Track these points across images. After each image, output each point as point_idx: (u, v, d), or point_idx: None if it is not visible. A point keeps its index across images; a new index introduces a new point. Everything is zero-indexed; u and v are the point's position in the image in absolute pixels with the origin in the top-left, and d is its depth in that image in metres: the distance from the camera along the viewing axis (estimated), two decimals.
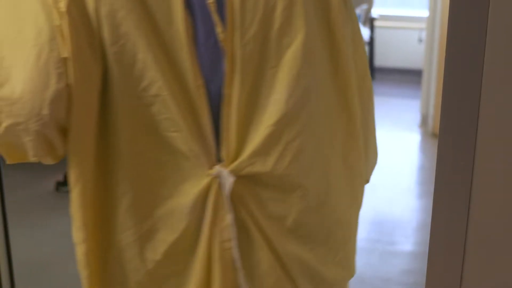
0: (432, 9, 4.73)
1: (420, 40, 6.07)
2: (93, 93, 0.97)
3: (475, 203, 0.68)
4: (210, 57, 1.00)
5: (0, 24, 0.96)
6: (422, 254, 3.07)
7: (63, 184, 3.77)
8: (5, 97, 0.94)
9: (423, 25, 5.59)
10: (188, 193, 1.02)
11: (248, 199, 1.04)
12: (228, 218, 1.03)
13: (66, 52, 0.93)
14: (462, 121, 0.66)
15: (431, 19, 4.75)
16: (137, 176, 1.02)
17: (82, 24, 0.94)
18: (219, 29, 0.98)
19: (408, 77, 6.38)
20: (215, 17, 0.98)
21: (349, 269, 1.20)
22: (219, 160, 1.03)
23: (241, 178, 1.02)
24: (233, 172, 1.01)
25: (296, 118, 1.03)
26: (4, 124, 0.95)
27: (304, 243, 1.10)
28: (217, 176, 1.01)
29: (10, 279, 1.28)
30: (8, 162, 1.02)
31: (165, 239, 1.04)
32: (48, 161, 1.03)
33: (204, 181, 1.01)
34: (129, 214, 1.03)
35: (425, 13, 5.40)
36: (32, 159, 1.01)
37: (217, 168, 1.01)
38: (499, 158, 0.67)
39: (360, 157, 1.17)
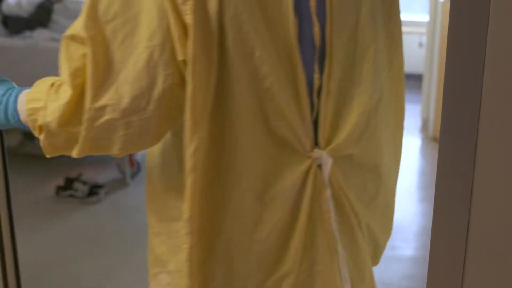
0: (433, 13, 4.73)
1: (420, 45, 6.07)
2: (208, 90, 1.05)
3: (476, 207, 0.68)
4: (307, 53, 1.12)
5: (116, 17, 1.02)
6: (422, 259, 3.07)
7: (63, 189, 3.77)
8: (115, 91, 1.02)
9: (424, 29, 5.60)
10: (291, 175, 1.13)
11: (338, 176, 1.18)
12: (327, 193, 1.16)
13: (182, 55, 1.01)
14: (462, 125, 0.66)
15: (432, 23, 4.75)
16: (248, 166, 1.11)
17: (202, 26, 1.01)
18: (316, 29, 1.11)
19: (408, 81, 6.35)
20: (314, 18, 1.10)
21: (389, 234, 1.41)
22: (316, 144, 1.15)
23: (335, 158, 1.16)
24: (331, 154, 1.15)
25: (376, 107, 1.20)
26: (107, 117, 1.03)
27: (373, 213, 1.29)
28: (316, 158, 1.14)
29: (16, 283, 1.29)
30: (76, 155, 1.09)
31: (270, 220, 1.14)
32: (122, 154, 1.10)
33: (305, 163, 1.13)
34: (242, 202, 1.12)
35: (425, 17, 5.41)
36: (114, 152, 1.08)
37: (317, 151, 1.14)
38: (499, 162, 0.67)
39: (402, 142, 1.38)
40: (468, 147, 0.67)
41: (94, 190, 3.80)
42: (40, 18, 4.37)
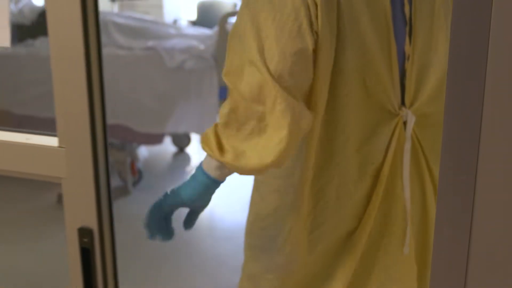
0: None
1: None
2: (329, 58, 1.26)
3: (477, 220, 0.68)
4: (399, 28, 1.33)
5: (264, 3, 1.22)
6: None
7: None
8: (283, 59, 1.21)
9: None
10: (382, 131, 1.35)
11: (417, 131, 1.39)
12: (406, 145, 1.38)
13: (316, 27, 1.21)
14: (464, 134, 0.66)
15: None
16: (350, 123, 1.32)
17: (327, 6, 1.22)
18: (406, 8, 1.33)
19: None
20: (406, 0, 1.33)
21: None
22: (402, 104, 1.36)
23: (416, 116, 1.37)
24: (414, 112, 1.36)
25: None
26: (287, 81, 1.21)
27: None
28: (403, 116, 1.36)
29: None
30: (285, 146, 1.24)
31: (368, 170, 1.37)
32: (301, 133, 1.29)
33: (394, 121, 1.35)
34: (346, 154, 1.34)
35: None
36: (301, 126, 1.25)
37: (404, 110, 1.36)
38: (501, 173, 0.66)
39: None
40: (470, 158, 0.67)
41: None
42: (43, 26, 4.38)
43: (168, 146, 5.00)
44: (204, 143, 1.30)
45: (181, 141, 4.95)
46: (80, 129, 1.08)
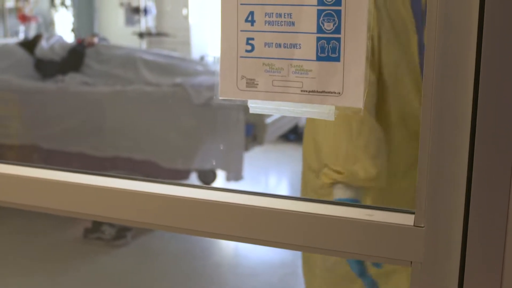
0: None
1: None
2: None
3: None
4: None
5: None
6: None
7: (91, 231, 3.78)
8: None
9: None
10: None
11: None
12: None
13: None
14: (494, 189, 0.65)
15: None
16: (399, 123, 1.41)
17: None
18: None
19: None
20: None
21: None
22: None
23: None
24: None
25: None
26: None
27: None
28: None
29: None
30: None
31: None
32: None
33: None
34: (395, 176, 1.41)
35: None
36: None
37: None
38: None
39: None
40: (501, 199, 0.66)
41: (121, 233, 3.80)
42: (72, 62, 4.46)
43: (194, 182, 5.02)
44: None
45: (207, 177, 4.95)
46: (451, 206, 0.86)
